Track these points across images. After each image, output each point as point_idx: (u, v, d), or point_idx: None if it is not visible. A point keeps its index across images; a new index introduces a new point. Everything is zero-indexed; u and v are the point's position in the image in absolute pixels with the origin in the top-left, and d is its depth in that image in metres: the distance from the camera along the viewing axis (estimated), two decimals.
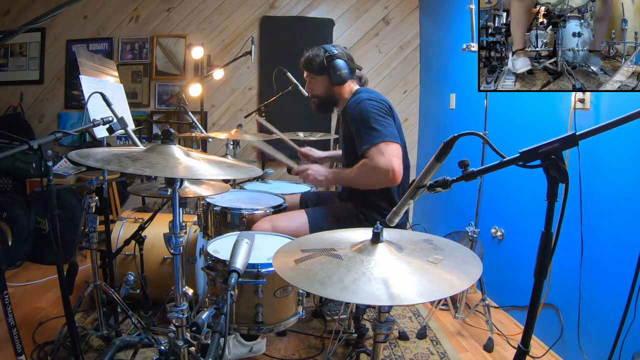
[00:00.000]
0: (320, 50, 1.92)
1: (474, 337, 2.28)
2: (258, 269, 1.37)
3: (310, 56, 1.93)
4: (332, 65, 1.87)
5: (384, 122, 1.72)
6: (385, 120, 1.73)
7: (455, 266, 1.01)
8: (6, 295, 1.26)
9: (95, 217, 1.84)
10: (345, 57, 1.91)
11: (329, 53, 1.89)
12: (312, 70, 1.94)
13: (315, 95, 2.00)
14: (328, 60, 1.88)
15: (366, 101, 1.78)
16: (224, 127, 3.89)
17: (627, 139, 1.74)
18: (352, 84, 1.97)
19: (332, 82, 1.91)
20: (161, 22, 3.81)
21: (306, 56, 1.95)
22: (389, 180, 1.67)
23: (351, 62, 1.94)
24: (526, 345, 0.90)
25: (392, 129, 1.73)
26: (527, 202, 2.35)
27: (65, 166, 3.37)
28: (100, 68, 2.12)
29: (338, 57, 1.88)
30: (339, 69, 1.87)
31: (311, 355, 2.05)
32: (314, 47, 1.95)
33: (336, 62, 1.87)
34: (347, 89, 1.95)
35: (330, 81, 1.91)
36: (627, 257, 1.65)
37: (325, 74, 1.91)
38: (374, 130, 1.70)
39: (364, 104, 1.77)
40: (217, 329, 1.05)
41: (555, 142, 0.81)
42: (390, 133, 1.70)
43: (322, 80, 1.94)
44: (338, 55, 1.89)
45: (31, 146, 1.20)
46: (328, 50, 1.90)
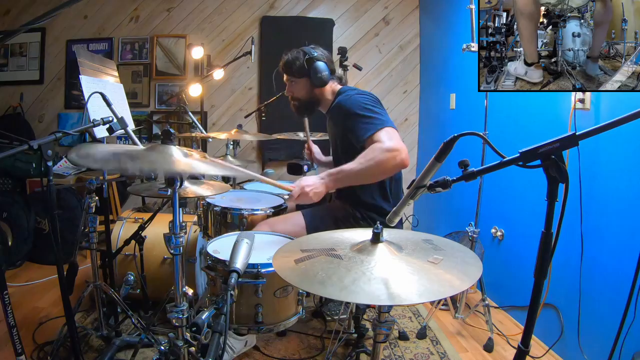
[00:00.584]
0: (299, 53, 1.90)
1: (474, 337, 2.28)
2: (258, 269, 1.37)
3: (290, 59, 1.91)
4: (313, 68, 1.86)
5: (379, 112, 1.72)
6: (381, 109, 1.74)
7: (456, 266, 1.01)
8: (6, 295, 1.26)
9: (95, 217, 1.84)
10: (325, 59, 1.90)
11: (308, 55, 1.87)
12: (292, 73, 1.93)
13: (296, 98, 1.99)
14: (308, 63, 1.86)
15: (356, 95, 1.79)
16: (224, 127, 3.89)
17: (627, 139, 1.74)
18: (333, 85, 1.96)
19: (313, 85, 1.90)
20: (161, 22, 3.81)
21: (285, 59, 1.93)
22: (401, 161, 1.59)
23: (330, 63, 1.93)
24: (526, 345, 0.90)
25: (389, 118, 1.73)
26: (527, 202, 2.35)
27: (65, 166, 3.37)
28: (100, 68, 2.12)
29: (318, 60, 1.87)
30: (320, 71, 1.85)
31: (311, 355, 2.05)
32: (293, 50, 1.93)
33: (317, 64, 1.85)
34: (329, 90, 1.94)
35: (312, 83, 1.90)
36: (627, 257, 1.65)
37: (306, 77, 1.90)
38: (372, 118, 1.69)
39: (355, 98, 1.77)
40: (217, 329, 1.05)
41: (555, 142, 0.81)
42: (389, 120, 1.71)
43: (302, 82, 1.93)
44: (318, 57, 1.87)
45: (31, 146, 1.20)
46: (308, 52, 1.88)
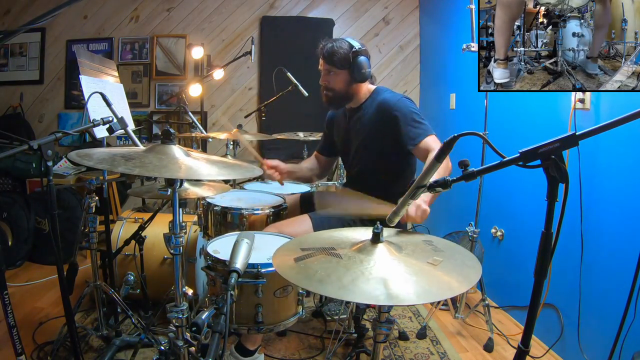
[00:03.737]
0: (344, 43, 1.83)
1: (474, 337, 2.28)
2: (258, 269, 1.37)
3: (334, 48, 1.83)
4: (357, 62, 1.81)
5: (424, 119, 1.79)
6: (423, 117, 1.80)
7: (455, 268, 1.01)
8: (6, 295, 1.26)
9: (95, 217, 1.84)
10: (368, 55, 1.87)
11: (354, 48, 1.81)
12: (334, 63, 1.84)
13: (331, 89, 1.90)
14: (353, 56, 1.81)
15: (405, 99, 1.83)
16: (224, 127, 3.89)
17: (627, 139, 1.74)
18: (368, 83, 1.94)
19: (352, 79, 1.85)
20: (161, 22, 3.81)
21: (329, 47, 1.84)
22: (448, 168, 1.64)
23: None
24: (526, 345, 0.90)
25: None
26: (527, 202, 2.35)
27: (65, 166, 3.37)
28: (100, 68, 2.12)
29: (363, 54, 1.82)
30: (363, 67, 1.81)
31: (311, 355, 2.05)
32: (336, 39, 1.86)
33: (361, 59, 1.81)
34: (364, 88, 1.92)
35: (352, 77, 1.84)
36: (627, 257, 1.64)
37: (347, 69, 1.84)
38: (422, 124, 1.76)
39: (405, 101, 1.82)
40: (217, 329, 1.05)
41: (555, 142, 0.81)
42: (431, 128, 1.76)
43: (342, 74, 1.85)
44: (363, 52, 1.83)
45: (31, 146, 1.20)
46: (353, 44, 1.82)
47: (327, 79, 1.89)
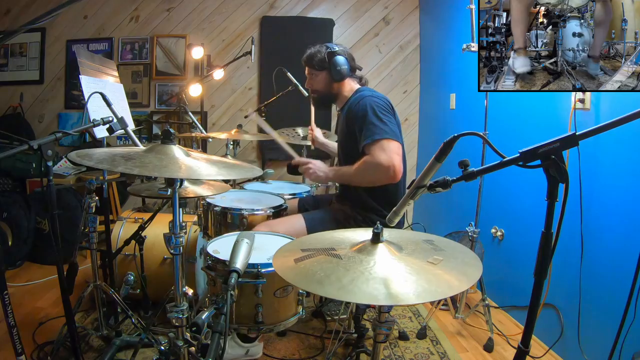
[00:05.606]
0: (322, 47, 1.97)
1: (474, 337, 2.28)
2: (258, 269, 1.37)
3: (312, 52, 1.98)
4: (333, 62, 1.92)
5: (385, 120, 1.75)
6: (387, 117, 1.76)
7: (455, 267, 1.01)
8: (6, 295, 1.26)
9: (95, 217, 1.84)
10: (345, 55, 1.95)
11: (330, 49, 1.94)
12: (313, 66, 1.98)
13: (315, 91, 2.04)
14: (329, 57, 1.93)
15: (369, 98, 1.82)
16: (224, 127, 3.89)
17: (627, 139, 1.74)
18: (352, 83, 2.00)
19: (332, 78, 1.95)
20: (161, 22, 3.81)
21: (308, 53, 2.00)
22: (389, 177, 1.69)
23: (352, 61, 1.99)
24: (526, 345, 0.90)
25: (393, 127, 1.75)
26: (527, 202, 2.35)
27: (65, 166, 3.37)
28: (100, 68, 2.12)
29: (339, 54, 1.93)
30: (339, 65, 1.92)
31: (311, 355, 2.05)
32: (317, 45, 2.00)
33: (336, 58, 1.92)
34: (347, 87, 1.98)
35: (331, 77, 1.95)
36: (627, 257, 1.65)
37: (326, 70, 1.96)
38: (375, 126, 1.73)
39: (366, 100, 1.81)
40: (217, 329, 1.05)
41: (555, 142, 0.81)
42: (391, 131, 1.73)
43: (322, 75, 1.98)
44: (339, 52, 1.94)
45: (31, 146, 1.20)
46: (329, 47, 1.96)
47: (311, 82, 2.04)
